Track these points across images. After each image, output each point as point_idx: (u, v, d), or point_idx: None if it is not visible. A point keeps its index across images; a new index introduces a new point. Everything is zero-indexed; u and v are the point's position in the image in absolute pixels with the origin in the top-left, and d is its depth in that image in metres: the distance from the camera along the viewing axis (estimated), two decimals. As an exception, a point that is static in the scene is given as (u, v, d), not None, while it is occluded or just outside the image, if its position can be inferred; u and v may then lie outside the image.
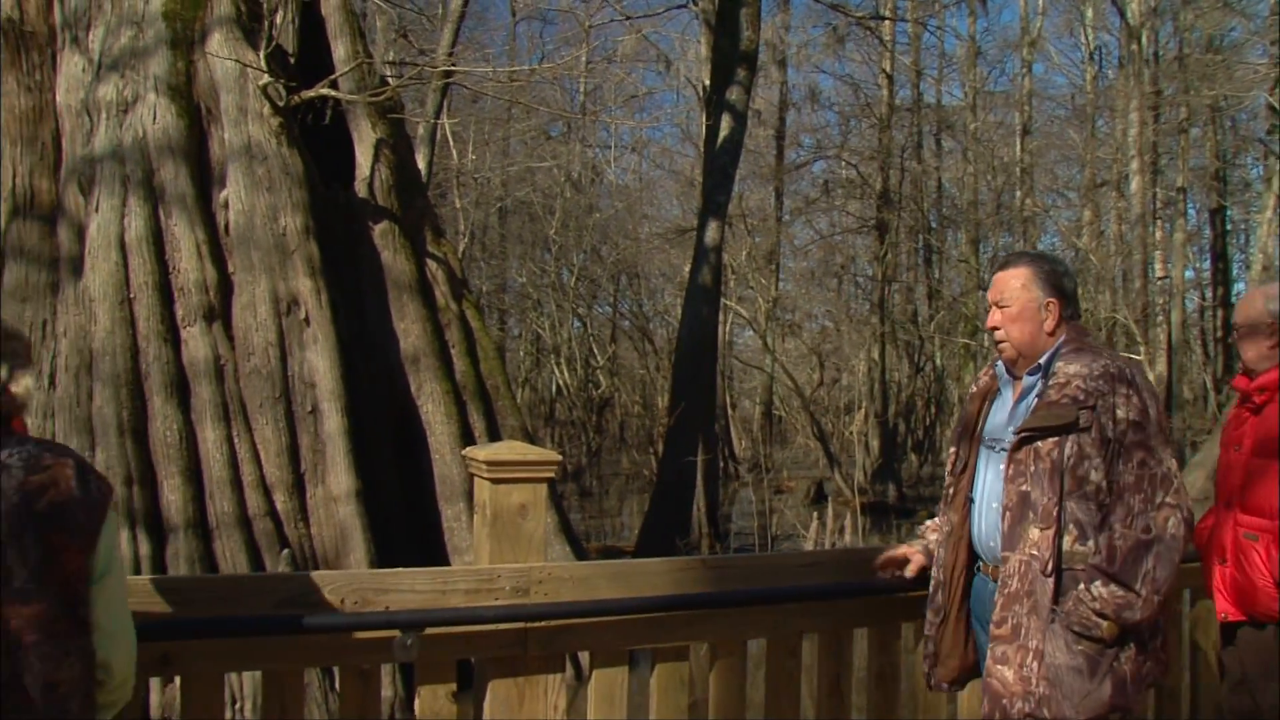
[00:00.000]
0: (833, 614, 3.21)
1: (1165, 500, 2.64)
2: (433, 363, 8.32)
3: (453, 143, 22.86)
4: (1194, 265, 28.60)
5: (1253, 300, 3.27)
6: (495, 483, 2.87)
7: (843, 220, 27.59)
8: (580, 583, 2.89)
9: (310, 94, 8.27)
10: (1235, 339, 3.30)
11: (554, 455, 2.98)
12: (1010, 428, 2.81)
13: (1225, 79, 21.38)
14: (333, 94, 8.42)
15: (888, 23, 23.97)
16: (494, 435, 8.45)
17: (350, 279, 8.39)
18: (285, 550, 7.23)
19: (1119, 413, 2.65)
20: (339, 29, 8.87)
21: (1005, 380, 2.97)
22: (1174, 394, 22.08)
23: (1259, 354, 3.19)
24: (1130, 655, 2.64)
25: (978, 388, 3.08)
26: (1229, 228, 28.27)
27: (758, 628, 3.14)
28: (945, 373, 25.01)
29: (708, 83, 17.25)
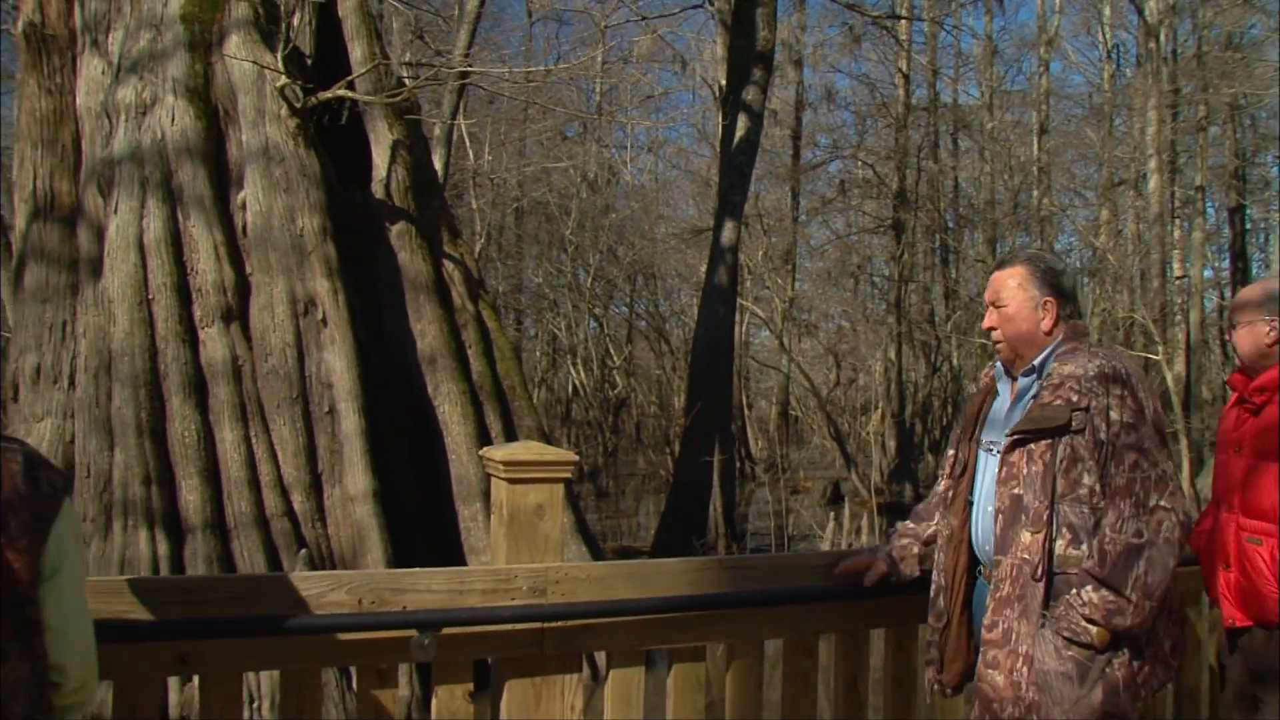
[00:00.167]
0: (849, 614, 3.20)
1: (1159, 503, 2.59)
2: (449, 363, 8.34)
3: (469, 143, 22.89)
4: (1213, 264, 28.45)
5: (1252, 293, 3.17)
6: (512, 483, 2.87)
7: (859, 220, 27.52)
8: (597, 583, 2.88)
9: (327, 95, 8.30)
10: (1231, 334, 3.18)
11: (571, 455, 2.97)
12: (1005, 429, 2.78)
13: (1245, 76, 21.25)
14: (350, 95, 8.44)
15: (904, 22, 23.89)
16: (510, 435, 8.47)
17: (367, 280, 8.42)
18: (303, 550, 7.25)
19: (1113, 414, 2.60)
20: (356, 30, 8.90)
21: (1003, 381, 2.93)
22: (1192, 394, 21.93)
23: (1257, 350, 3.09)
24: (1123, 661, 2.59)
25: (978, 388, 3.05)
26: (1248, 226, 28.07)
27: (774, 628, 3.12)
28: (962, 373, 24.87)
29: (724, 83, 17.24)
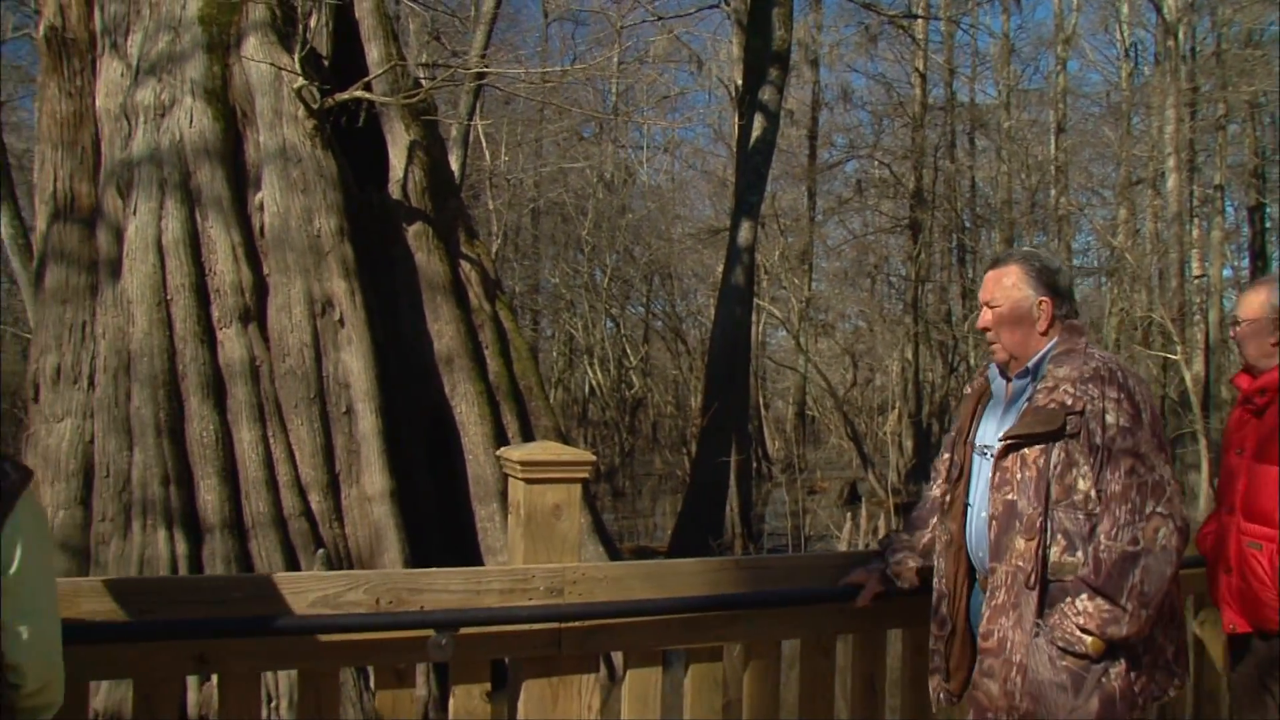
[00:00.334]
0: (867, 614, 3.17)
1: (1156, 510, 2.51)
2: (466, 363, 8.35)
3: (485, 144, 22.93)
4: (1232, 263, 28.21)
5: (1256, 294, 3.14)
6: (529, 483, 2.87)
7: (876, 220, 27.48)
8: (614, 583, 2.88)
9: (344, 96, 8.32)
10: (1236, 335, 3.16)
11: (588, 455, 2.97)
12: (999, 433, 2.72)
13: (1264, 74, 21.09)
14: (367, 96, 8.46)
15: (920, 21, 23.83)
16: (527, 435, 8.47)
17: (384, 280, 8.44)
18: (320, 550, 7.27)
19: (1108, 418, 2.54)
20: (372, 32, 8.92)
21: (998, 382, 2.88)
22: (1211, 394, 21.76)
23: (1261, 351, 3.07)
24: (1120, 671, 2.52)
25: (971, 390, 2.99)
26: (1268, 225, 27.81)
27: (792, 628, 3.12)
28: (979, 373, 24.77)
29: (740, 83, 17.22)
